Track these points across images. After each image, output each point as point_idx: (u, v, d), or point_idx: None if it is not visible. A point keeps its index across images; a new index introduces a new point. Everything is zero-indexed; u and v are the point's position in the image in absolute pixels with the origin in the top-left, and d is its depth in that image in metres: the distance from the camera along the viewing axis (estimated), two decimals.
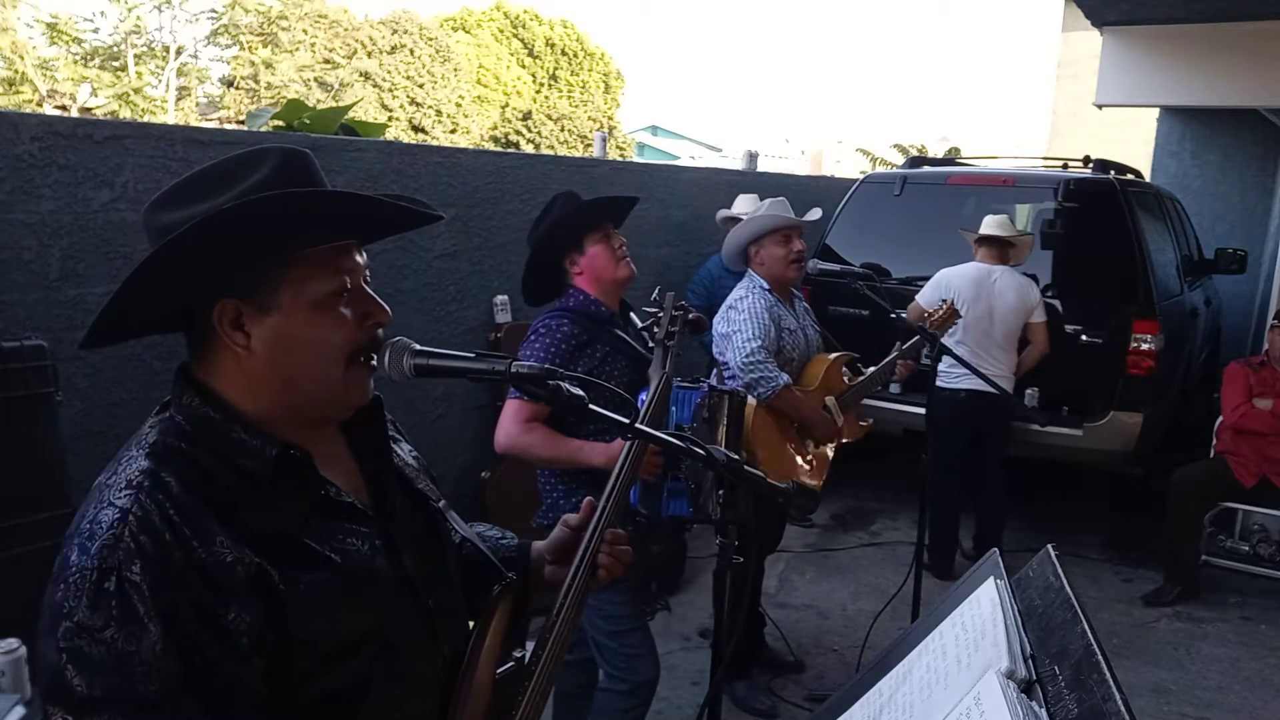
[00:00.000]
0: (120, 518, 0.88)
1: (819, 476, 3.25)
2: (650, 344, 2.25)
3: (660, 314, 1.86)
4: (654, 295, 1.94)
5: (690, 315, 2.00)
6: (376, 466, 1.14)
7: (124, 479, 0.92)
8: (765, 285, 3.24)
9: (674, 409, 2.27)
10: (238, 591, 0.90)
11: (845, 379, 3.37)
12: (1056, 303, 4.76)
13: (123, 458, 0.96)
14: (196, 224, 0.92)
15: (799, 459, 3.17)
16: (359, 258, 1.05)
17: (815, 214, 3.46)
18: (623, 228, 2.54)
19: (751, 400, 3.01)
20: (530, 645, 1.17)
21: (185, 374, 1.02)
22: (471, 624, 1.18)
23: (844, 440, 3.36)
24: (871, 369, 3.41)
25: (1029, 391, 4.62)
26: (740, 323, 3.13)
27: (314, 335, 1.00)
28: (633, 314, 2.55)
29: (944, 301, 3.60)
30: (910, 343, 3.38)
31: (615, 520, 1.29)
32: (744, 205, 5.09)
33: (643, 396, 2.28)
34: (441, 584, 1.16)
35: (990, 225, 4.49)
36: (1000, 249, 4.48)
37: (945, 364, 3.82)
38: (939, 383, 4.05)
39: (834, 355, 3.37)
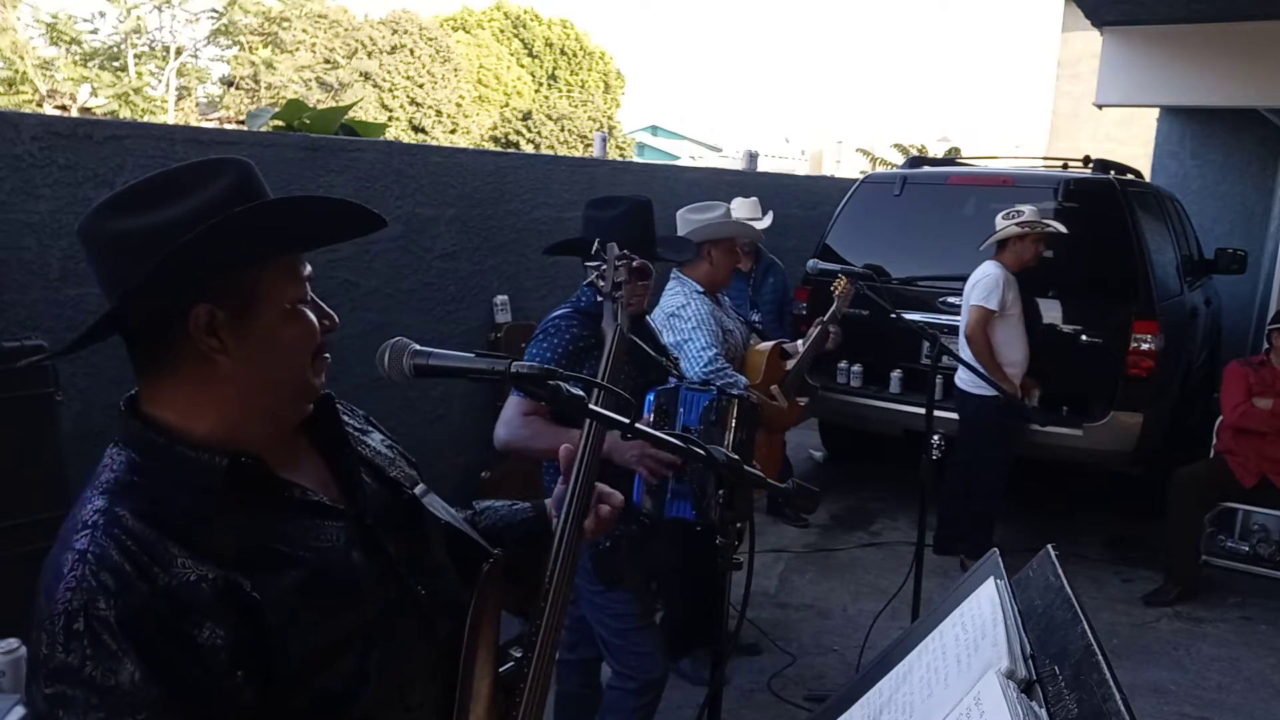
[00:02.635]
0: (79, 559, 0.89)
1: (774, 465, 3.41)
2: (650, 346, 2.25)
3: (603, 267, 1.69)
4: (594, 248, 1.76)
5: (634, 263, 1.84)
6: (340, 459, 1.14)
7: (79, 521, 0.93)
8: (700, 289, 3.26)
9: (681, 410, 2.27)
10: (207, 609, 0.90)
11: (787, 365, 3.50)
12: (1057, 302, 4.77)
13: (80, 500, 0.97)
14: (215, 224, 0.93)
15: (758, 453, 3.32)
16: (308, 265, 1.07)
17: (768, 220, 3.56)
18: None
19: None
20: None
21: (129, 405, 1.02)
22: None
23: (792, 422, 3.55)
24: (801, 349, 3.52)
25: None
26: (690, 331, 3.16)
27: (291, 337, 1.02)
28: (648, 317, 2.55)
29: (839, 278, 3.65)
30: (830, 312, 3.56)
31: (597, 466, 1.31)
32: (742, 211, 5.09)
33: (649, 399, 2.28)
34: (429, 568, 1.15)
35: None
36: (1011, 246, 4.37)
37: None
38: None
39: (769, 345, 3.49)
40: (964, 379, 4.38)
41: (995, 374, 4.25)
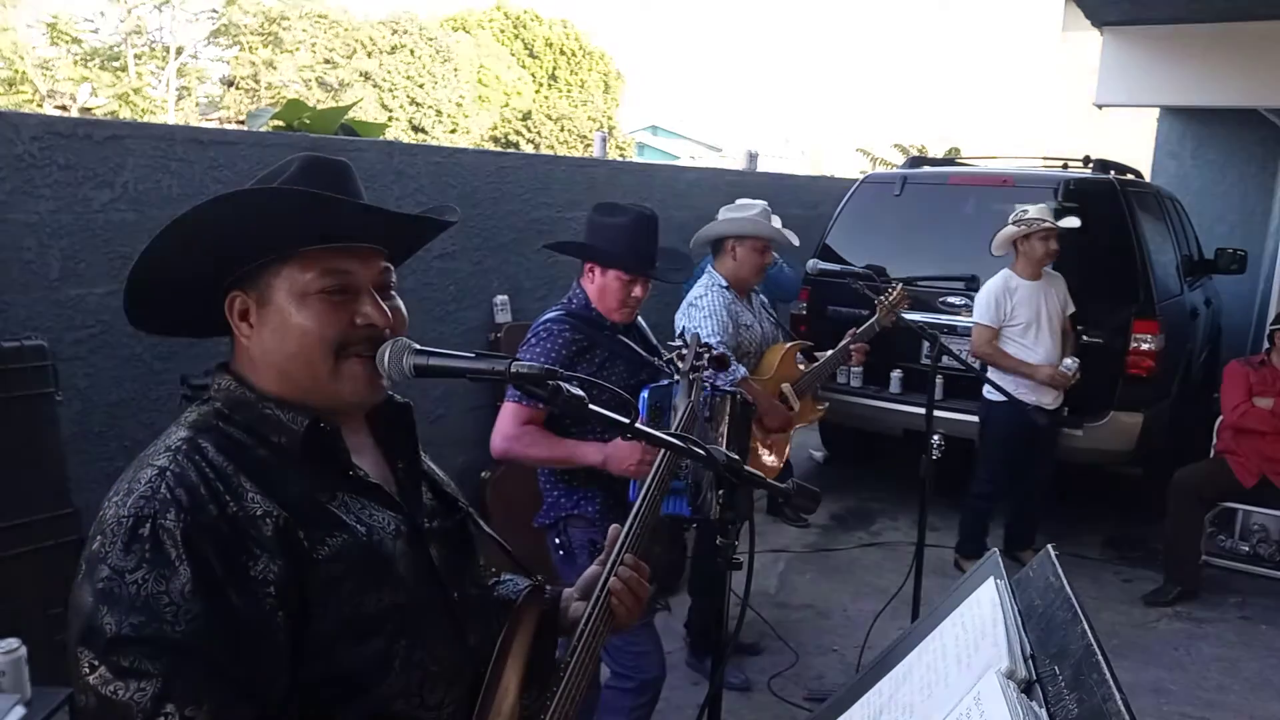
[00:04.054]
0: (158, 474, 0.95)
1: (778, 459, 3.46)
2: (660, 360, 2.30)
3: (685, 349, 1.98)
4: (679, 331, 2.06)
5: (714, 352, 2.10)
6: (406, 467, 1.17)
7: (163, 446, 1.00)
8: (724, 283, 3.38)
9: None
10: (266, 544, 0.95)
11: (800, 366, 3.56)
12: None
13: (162, 434, 1.03)
14: (169, 226, 1.00)
15: (757, 445, 3.37)
16: (371, 264, 1.09)
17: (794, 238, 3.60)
18: None
19: None
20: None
21: (221, 366, 1.10)
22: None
23: (803, 423, 3.63)
24: (826, 354, 3.59)
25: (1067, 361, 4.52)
26: (701, 319, 3.27)
27: (297, 323, 1.04)
28: (639, 318, 2.55)
29: (891, 288, 3.65)
30: (864, 328, 3.58)
31: (643, 543, 1.31)
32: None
33: (643, 397, 2.28)
34: (469, 580, 1.19)
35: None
36: (1020, 249, 4.32)
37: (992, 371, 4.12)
38: None
39: (788, 344, 3.56)
40: (987, 386, 4.34)
41: (1024, 370, 4.28)
